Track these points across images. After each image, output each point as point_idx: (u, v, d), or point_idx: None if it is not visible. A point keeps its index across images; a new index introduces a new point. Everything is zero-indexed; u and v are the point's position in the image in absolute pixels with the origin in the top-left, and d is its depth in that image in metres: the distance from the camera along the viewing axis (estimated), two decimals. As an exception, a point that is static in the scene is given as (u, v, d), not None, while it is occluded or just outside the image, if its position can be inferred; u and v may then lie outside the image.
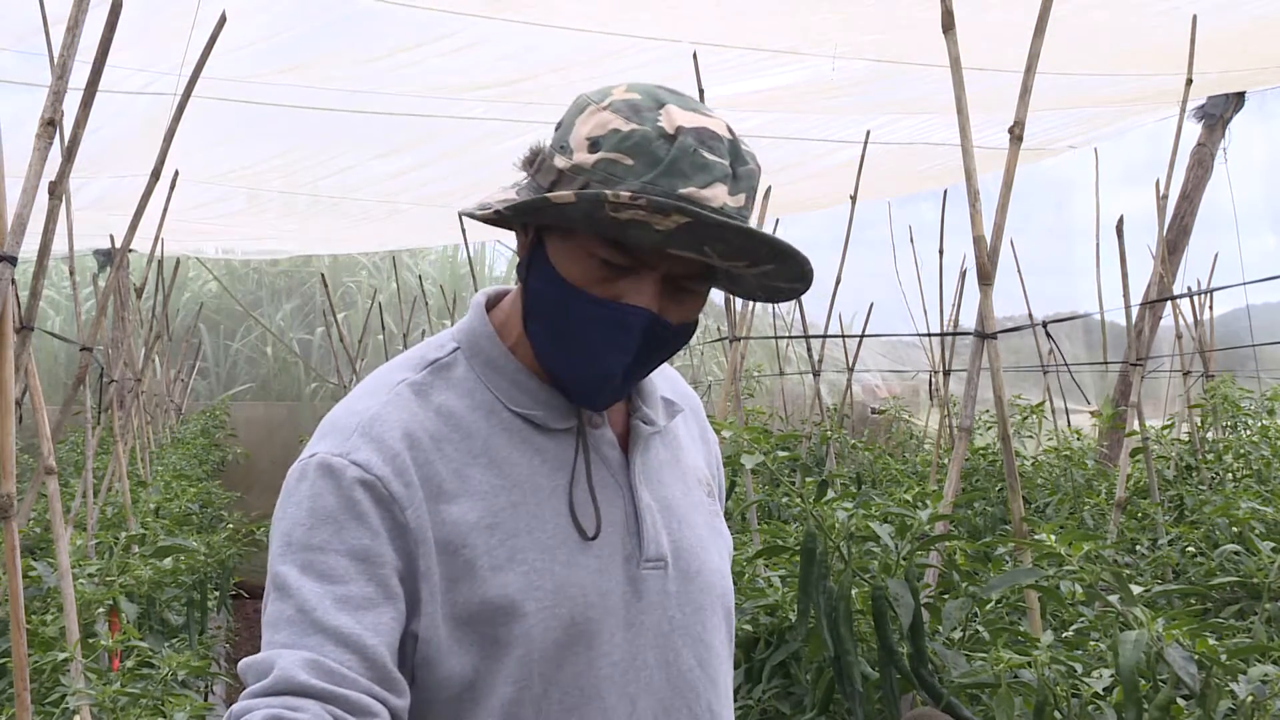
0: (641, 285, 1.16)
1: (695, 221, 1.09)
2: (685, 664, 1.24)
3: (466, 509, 1.17)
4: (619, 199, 1.08)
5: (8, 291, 2.14)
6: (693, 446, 1.38)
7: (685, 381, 1.48)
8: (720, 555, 1.32)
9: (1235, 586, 3.20)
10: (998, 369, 2.71)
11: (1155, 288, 4.82)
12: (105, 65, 2.44)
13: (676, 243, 1.11)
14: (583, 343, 1.18)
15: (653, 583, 1.23)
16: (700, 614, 1.26)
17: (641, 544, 1.23)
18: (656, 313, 1.17)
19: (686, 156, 1.12)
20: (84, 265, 11.61)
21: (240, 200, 8.08)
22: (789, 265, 1.16)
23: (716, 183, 1.13)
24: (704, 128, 1.15)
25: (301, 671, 1.04)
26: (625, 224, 1.10)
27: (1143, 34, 5.11)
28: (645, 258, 1.15)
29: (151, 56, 4.82)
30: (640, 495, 1.25)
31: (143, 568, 3.91)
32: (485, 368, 1.25)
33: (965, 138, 2.69)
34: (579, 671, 1.18)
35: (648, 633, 1.22)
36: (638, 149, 1.13)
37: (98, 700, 2.71)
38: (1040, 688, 2.08)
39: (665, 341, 1.20)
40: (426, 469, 1.18)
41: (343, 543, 1.12)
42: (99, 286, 8.87)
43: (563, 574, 1.18)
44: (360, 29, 5.11)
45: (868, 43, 5.11)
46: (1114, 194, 9.09)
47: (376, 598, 1.11)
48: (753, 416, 7.45)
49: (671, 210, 1.08)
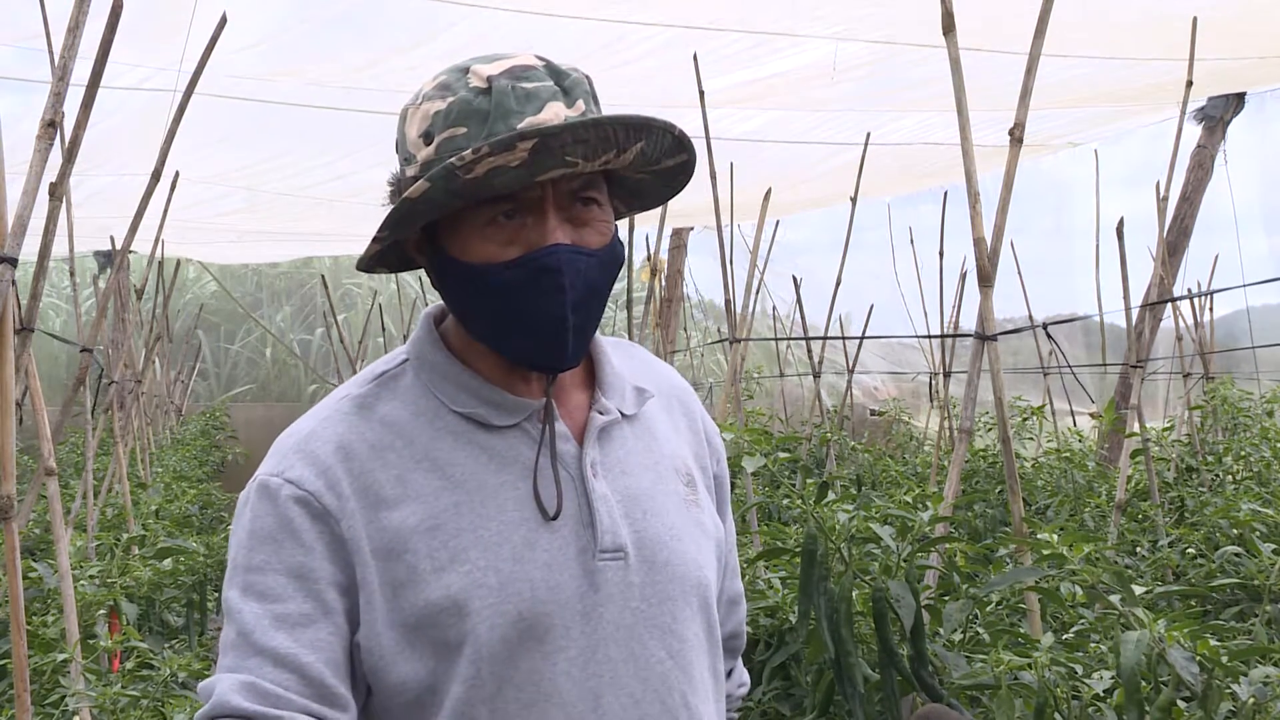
0: (541, 226, 1.16)
1: (540, 139, 1.09)
2: (654, 656, 1.21)
3: (407, 514, 1.17)
4: (463, 160, 1.09)
5: (8, 293, 2.14)
6: (675, 437, 1.36)
7: (679, 375, 1.47)
8: (698, 545, 1.28)
9: (1236, 588, 3.20)
10: (998, 370, 2.71)
11: (1155, 289, 4.82)
12: (105, 66, 2.44)
13: (539, 167, 1.11)
14: (519, 309, 1.17)
15: (611, 574, 1.20)
16: (669, 605, 1.23)
17: (596, 535, 1.21)
18: (568, 242, 1.17)
19: (508, 97, 1.14)
20: (84, 266, 11.62)
21: (239, 199, 8.08)
22: (658, 137, 1.16)
23: (548, 104, 1.14)
24: (512, 67, 1.16)
25: (236, 695, 1.09)
26: (485, 179, 1.11)
27: (1145, 28, 5.11)
28: (527, 198, 1.16)
29: (149, 52, 4.81)
30: (593, 487, 1.22)
31: (143, 569, 3.92)
32: (431, 374, 1.25)
33: (965, 138, 2.69)
34: (534, 668, 1.16)
35: (608, 625, 1.19)
36: (463, 115, 1.15)
37: (98, 701, 2.71)
38: (1041, 689, 2.08)
39: (599, 269, 1.19)
40: (364, 479, 1.18)
41: (280, 562, 1.15)
42: (99, 288, 8.87)
43: (508, 569, 1.17)
44: (360, 27, 5.11)
45: (868, 26, 5.10)
46: (1114, 196, 9.08)
47: (314, 614, 1.13)
48: (752, 418, 7.45)
49: (513, 141, 1.09)
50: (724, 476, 1.43)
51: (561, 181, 1.16)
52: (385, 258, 1.25)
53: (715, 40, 5.16)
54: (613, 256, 1.22)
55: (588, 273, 1.18)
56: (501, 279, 1.16)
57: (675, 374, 1.45)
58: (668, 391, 1.39)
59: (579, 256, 1.17)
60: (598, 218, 1.20)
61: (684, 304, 11.47)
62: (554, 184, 1.16)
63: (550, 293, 1.16)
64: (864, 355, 8.30)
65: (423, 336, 1.28)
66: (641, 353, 1.43)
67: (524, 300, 1.17)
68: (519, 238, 1.16)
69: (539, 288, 1.16)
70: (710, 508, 1.35)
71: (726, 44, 5.30)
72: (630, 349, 1.42)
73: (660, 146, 1.17)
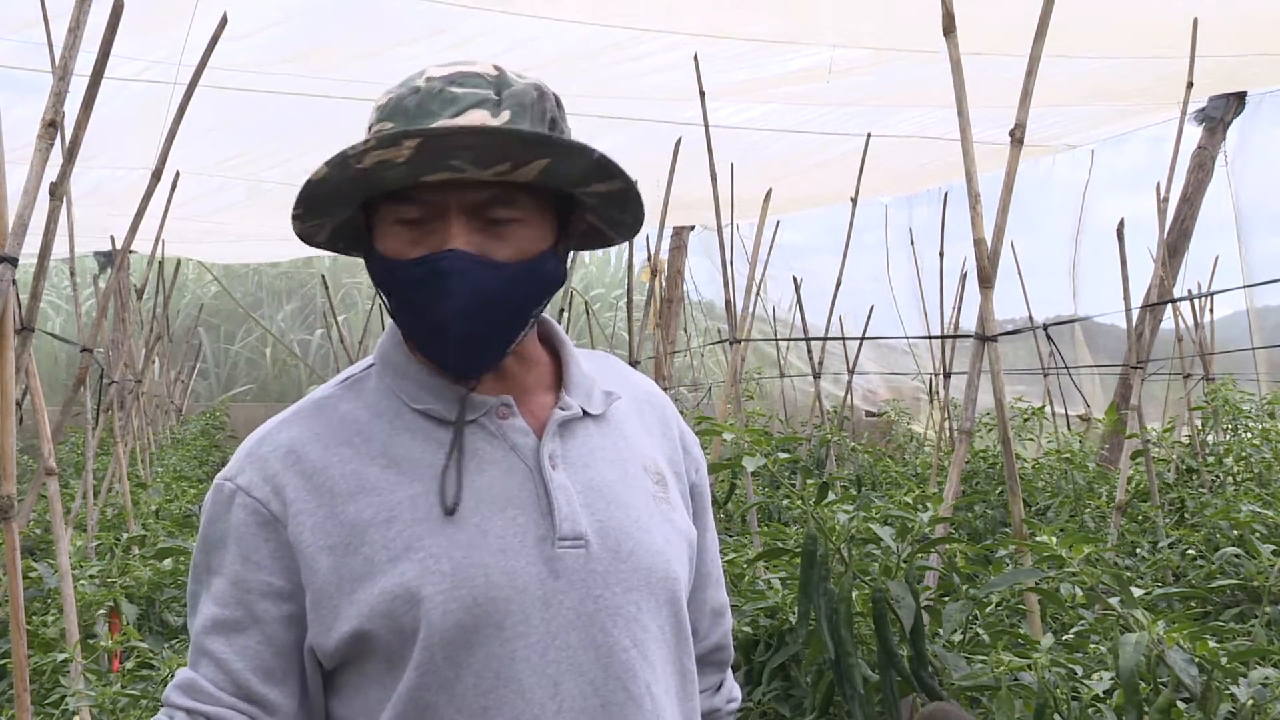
0: (446, 230, 1.17)
1: (425, 139, 1.11)
2: (618, 644, 1.21)
3: (363, 507, 1.20)
4: (354, 149, 1.11)
5: (8, 293, 2.14)
6: (646, 438, 1.36)
7: (657, 387, 1.47)
8: (666, 539, 1.28)
9: (1235, 589, 3.20)
10: (998, 371, 2.72)
11: (1156, 290, 4.82)
12: (106, 67, 2.44)
13: (424, 167, 1.12)
14: (417, 306, 1.19)
15: (572, 562, 1.20)
16: (633, 594, 1.23)
17: (555, 523, 1.21)
18: (468, 249, 1.16)
19: (433, 98, 1.17)
20: (84, 266, 11.62)
21: (239, 191, 8.07)
22: (567, 156, 1.15)
23: (470, 109, 1.16)
24: (458, 72, 1.19)
25: (174, 691, 1.21)
26: (374, 170, 1.13)
27: (1145, 25, 5.11)
28: (433, 203, 1.17)
29: (148, 44, 4.79)
30: (550, 476, 1.23)
31: (143, 569, 3.91)
32: (393, 375, 1.28)
33: (966, 139, 2.69)
34: (491, 654, 1.17)
35: (568, 612, 1.19)
36: (394, 111, 1.18)
37: (97, 701, 2.71)
38: (1040, 690, 2.08)
39: (504, 282, 1.19)
40: (317, 477, 1.21)
41: (225, 568, 1.22)
42: (99, 288, 8.87)
43: (461, 556, 1.17)
44: (360, 21, 5.11)
45: (866, 32, 5.10)
46: (1114, 199, 9.09)
47: (245, 621, 1.20)
48: (752, 418, 7.45)
49: (399, 138, 1.10)
50: (703, 487, 1.43)
51: (468, 192, 1.16)
52: (341, 237, 1.29)
53: (715, 47, 5.16)
54: (530, 272, 1.21)
55: (484, 283, 1.17)
56: (405, 275, 1.19)
57: (652, 385, 1.46)
58: (641, 398, 1.40)
59: (475, 265, 1.17)
60: (512, 232, 1.19)
61: (684, 304, 11.47)
62: (459, 193, 1.16)
63: (438, 297, 1.17)
64: (861, 358, 8.30)
65: (387, 338, 1.31)
66: (616, 363, 1.45)
67: (419, 300, 1.19)
68: (425, 240, 1.18)
69: (429, 290, 1.18)
70: (682, 509, 1.35)
71: (728, 51, 5.31)
72: (604, 359, 1.44)
73: (576, 167, 1.17)
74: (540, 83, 1.22)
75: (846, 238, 5.84)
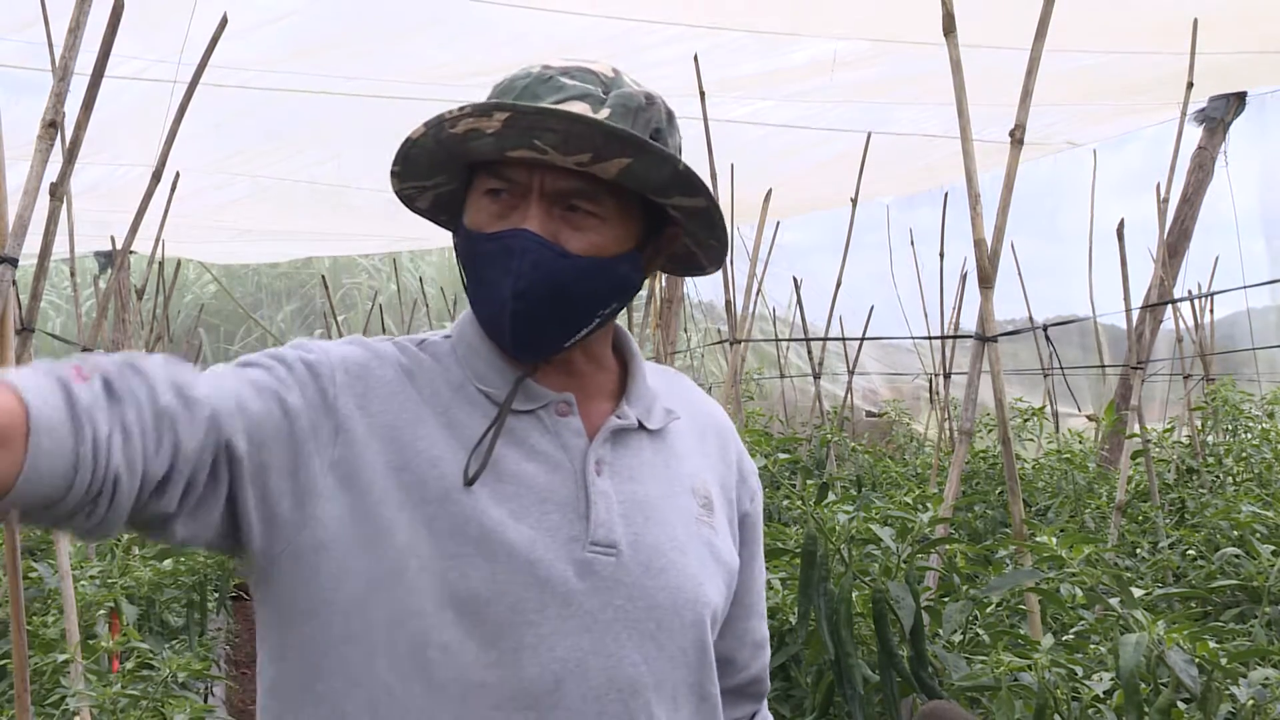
0: (525, 210, 1.19)
1: (515, 113, 1.12)
2: (628, 658, 1.19)
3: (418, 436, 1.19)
4: (451, 114, 1.13)
5: (8, 293, 2.14)
6: (701, 460, 1.34)
7: (719, 407, 1.45)
8: (701, 562, 1.26)
9: (1236, 590, 3.20)
10: (998, 372, 2.72)
11: (1155, 291, 4.82)
12: (106, 67, 2.44)
13: (509, 140, 1.14)
14: (483, 280, 1.21)
15: (600, 568, 1.19)
16: (656, 612, 1.21)
17: (589, 527, 1.20)
18: (539, 233, 1.17)
19: (544, 84, 1.18)
20: (84, 267, 11.61)
21: (240, 188, 8.06)
22: (652, 160, 1.16)
23: (573, 100, 1.16)
24: (575, 66, 1.20)
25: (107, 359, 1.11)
26: (464, 138, 1.15)
27: (1145, 25, 5.11)
28: (519, 182, 1.18)
29: (148, 43, 4.79)
30: (593, 481, 1.22)
31: (143, 569, 3.91)
32: (466, 350, 1.27)
33: (966, 139, 2.69)
34: (500, 633, 1.16)
35: (584, 616, 1.18)
36: (504, 89, 1.21)
37: (98, 702, 2.71)
38: (1040, 691, 2.08)
39: (570, 272, 1.19)
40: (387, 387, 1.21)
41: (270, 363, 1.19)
42: (99, 288, 8.87)
43: (492, 527, 1.17)
44: (359, 16, 5.11)
45: (867, 18, 5.09)
46: (1114, 200, 9.10)
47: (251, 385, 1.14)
48: (752, 419, 7.45)
49: (492, 109, 1.13)
50: (756, 517, 1.41)
51: (552, 177, 1.17)
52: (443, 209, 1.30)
53: (714, 39, 5.16)
54: (600, 269, 1.20)
55: (549, 267, 1.18)
56: (479, 248, 1.21)
57: (719, 409, 1.45)
58: (705, 420, 1.39)
59: (542, 248, 1.17)
60: (590, 226, 1.20)
61: (684, 304, 11.47)
62: (543, 176, 1.18)
63: (501, 274, 1.18)
64: (861, 358, 8.30)
65: (465, 315, 1.31)
66: (687, 383, 1.44)
67: (485, 274, 1.21)
68: (506, 217, 1.20)
69: (496, 264, 1.19)
70: (727, 535, 1.33)
71: (727, 42, 5.30)
72: (676, 378, 1.43)
73: (658, 174, 1.17)
74: (656, 94, 1.23)
75: (847, 238, 5.85)
